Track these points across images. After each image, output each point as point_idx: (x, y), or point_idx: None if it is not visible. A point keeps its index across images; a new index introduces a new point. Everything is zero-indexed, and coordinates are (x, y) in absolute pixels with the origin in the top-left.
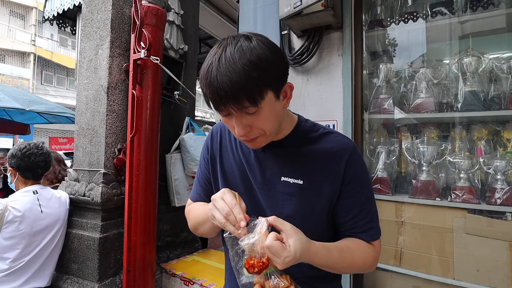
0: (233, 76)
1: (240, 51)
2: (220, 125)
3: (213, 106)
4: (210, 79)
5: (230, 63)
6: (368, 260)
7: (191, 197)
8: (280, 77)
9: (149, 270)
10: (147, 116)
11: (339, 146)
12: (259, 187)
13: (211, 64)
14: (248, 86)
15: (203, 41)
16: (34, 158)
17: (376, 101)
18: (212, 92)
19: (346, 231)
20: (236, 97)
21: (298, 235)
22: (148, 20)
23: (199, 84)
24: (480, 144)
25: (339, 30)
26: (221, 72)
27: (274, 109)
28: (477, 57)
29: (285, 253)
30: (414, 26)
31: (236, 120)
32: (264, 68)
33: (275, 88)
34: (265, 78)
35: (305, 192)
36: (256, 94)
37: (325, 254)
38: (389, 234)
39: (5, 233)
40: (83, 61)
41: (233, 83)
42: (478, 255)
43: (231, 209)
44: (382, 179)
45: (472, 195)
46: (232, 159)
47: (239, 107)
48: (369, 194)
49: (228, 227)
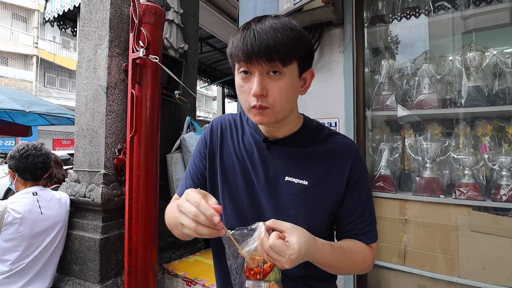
0: (271, 32)
1: (279, 18)
2: (220, 119)
3: (242, 57)
4: (246, 34)
5: (270, 23)
6: (366, 262)
7: (178, 193)
8: (308, 55)
9: (150, 270)
10: (147, 116)
11: (345, 148)
12: (262, 186)
13: (248, 23)
14: (284, 43)
15: (204, 41)
16: (32, 159)
17: (379, 98)
18: (246, 43)
19: (346, 232)
20: (270, 51)
21: (300, 231)
22: (146, 19)
23: (228, 49)
24: (484, 140)
25: (340, 27)
26: (259, 27)
27: (293, 85)
28: (480, 51)
29: (289, 251)
30: (416, 21)
31: (258, 78)
32: (299, 37)
33: (301, 63)
34: (298, 45)
35: (310, 193)
36: (288, 55)
37: (330, 251)
38: (393, 232)
39: (4, 235)
40: (82, 61)
41: (270, 36)
42: (484, 252)
43: (197, 208)
44: (385, 177)
45: (477, 192)
46: (234, 156)
47: (268, 62)
48: (370, 197)
49: (201, 230)
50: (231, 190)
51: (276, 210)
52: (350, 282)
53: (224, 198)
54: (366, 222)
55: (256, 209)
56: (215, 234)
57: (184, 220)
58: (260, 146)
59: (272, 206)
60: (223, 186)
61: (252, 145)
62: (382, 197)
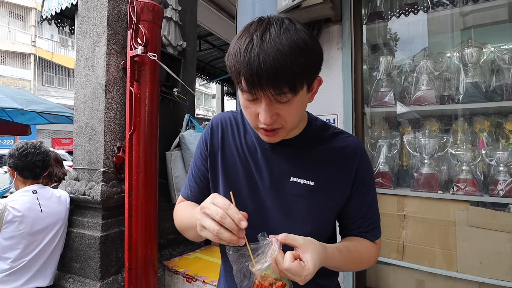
0: (279, 58)
1: (287, 32)
2: (220, 118)
3: (246, 87)
4: (250, 57)
5: (276, 43)
6: (371, 259)
7: (183, 194)
8: (317, 68)
9: (151, 267)
10: (145, 113)
11: (351, 147)
12: (266, 188)
13: (251, 40)
14: (292, 72)
15: (203, 38)
16: (31, 158)
17: (377, 95)
18: (250, 72)
19: (352, 230)
20: (278, 81)
21: (312, 246)
22: (144, 16)
23: (228, 60)
24: (482, 136)
25: (338, 23)
26: (265, 51)
27: (303, 102)
28: (478, 47)
29: (305, 272)
30: (415, 18)
31: (265, 107)
32: (309, 55)
33: (310, 80)
34: (308, 67)
35: (316, 194)
36: (297, 82)
37: (338, 256)
38: (391, 228)
39: (5, 233)
40: (80, 59)
41: (278, 65)
42: (481, 247)
43: (225, 211)
44: (384, 173)
45: (474, 188)
46: (236, 156)
47: (276, 92)
48: (375, 195)
49: (223, 234)
50: (234, 192)
51: (282, 211)
52: (349, 278)
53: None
54: (371, 220)
55: (261, 210)
56: (235, 241)
57: (207, 222)
58: (264, 146)
59: (278, 207)
60: (225, 187)
61: (256, 145)
62: (380, 193)
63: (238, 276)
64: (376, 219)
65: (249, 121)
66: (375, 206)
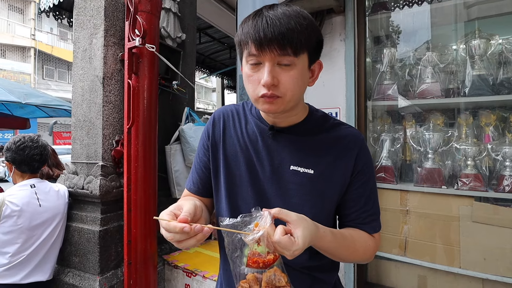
0: (285, 19)
1: (291, 6)
2: (223, 110)
3: (253, 47)
4: (258, 20)
5: (283, 10)
6: (368, 251)
7: (187, 186)
8: (317, 46)
9: (150, 262)
10: (144, 106)
11: (351, 138)
12: (267, 176)
13: (260, 10)
14: (297, 31)
15: (203, 31)
16: (29, 151)
17: (380, 88)
18: (258, 30)
19: (349, 221)
20: (283, 39)
21: (304, 223)
22: (142, 7)
23: (237, 36)
24: (488, 130)
25: (341, 14)
26: (272, 13)
27: (302, 76)
28: (485, 39)
29: (294, 247)
30: (420, 9)
31: (268, 68)
32: (311, 26)
33: (311, 53)
34: (310, 33)
35: (315, 182)
36: (300, 44)
37: (331, 238)
38: (393, 223)
39: (3, 227)
40: (78, 51)
41: (284, 23)
42: (485, 243)
43: (168, 232)
44: (387, 168)
45: (479, 183)
46: (237, 146)
47: (280, 52)
48: (374, 186)
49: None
50: (235, 180)
51: (281, 199)
52: (351, 273)
53: (228, 188)
54: (369, 212)
55: (260, 198)
56: (202, 237)
57: (173, 242)
58: (265, 134)
59: (277, 195)
60: (226, 176)
61: (256, 134)
62: (383, 188)
63: (229, 247)
64: (375, 211)
65: (250, 93)
66: (374, 198)
